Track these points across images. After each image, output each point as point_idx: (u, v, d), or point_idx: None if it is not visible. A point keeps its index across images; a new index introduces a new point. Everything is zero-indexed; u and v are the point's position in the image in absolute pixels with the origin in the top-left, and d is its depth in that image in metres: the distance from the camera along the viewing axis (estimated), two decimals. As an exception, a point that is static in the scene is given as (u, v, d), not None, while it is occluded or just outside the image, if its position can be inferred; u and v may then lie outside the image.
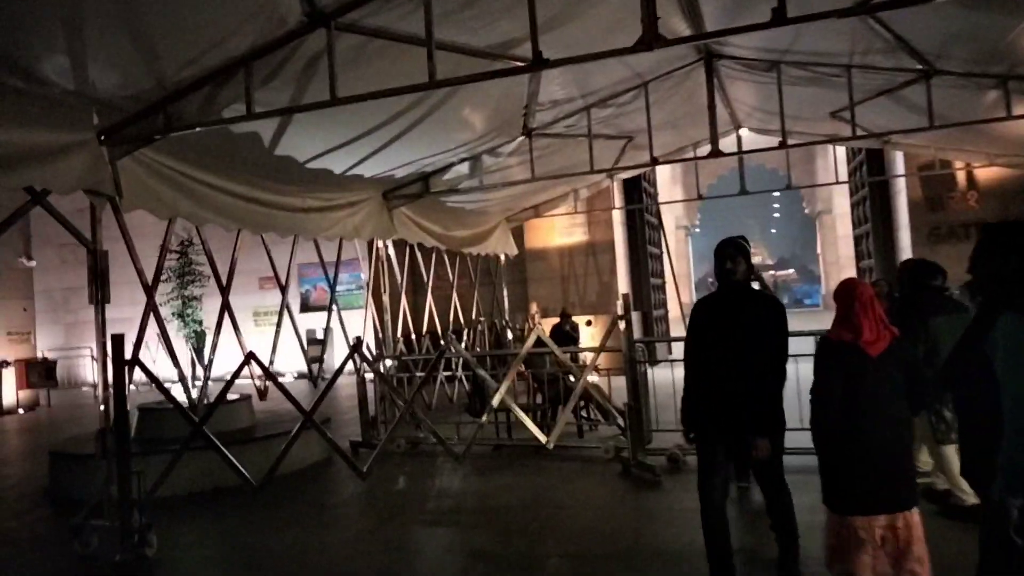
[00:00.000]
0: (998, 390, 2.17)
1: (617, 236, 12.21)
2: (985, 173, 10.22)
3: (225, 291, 7.20)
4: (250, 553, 4.64)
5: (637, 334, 12.05)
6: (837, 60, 6.39)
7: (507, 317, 11.10)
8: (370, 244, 9.35)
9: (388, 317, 8.58)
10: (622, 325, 6.42)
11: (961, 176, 10.35)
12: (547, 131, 7.37)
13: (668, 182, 23.62)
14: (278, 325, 8.78)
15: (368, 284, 9.40)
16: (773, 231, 77.82)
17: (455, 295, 10.32)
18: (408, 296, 11.87)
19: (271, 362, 7.74)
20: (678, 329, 14.18)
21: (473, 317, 10.51)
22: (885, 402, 2.83)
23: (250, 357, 5.24)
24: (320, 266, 10.40)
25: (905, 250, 11.01)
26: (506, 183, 8.14)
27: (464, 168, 7.63)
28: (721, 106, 8.54)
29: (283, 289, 9.24)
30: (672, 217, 23.50)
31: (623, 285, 12.35)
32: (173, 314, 8.92)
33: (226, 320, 7.18)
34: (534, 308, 11.91)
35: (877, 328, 2.91)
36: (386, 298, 8.23)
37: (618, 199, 12.34)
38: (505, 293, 11.24)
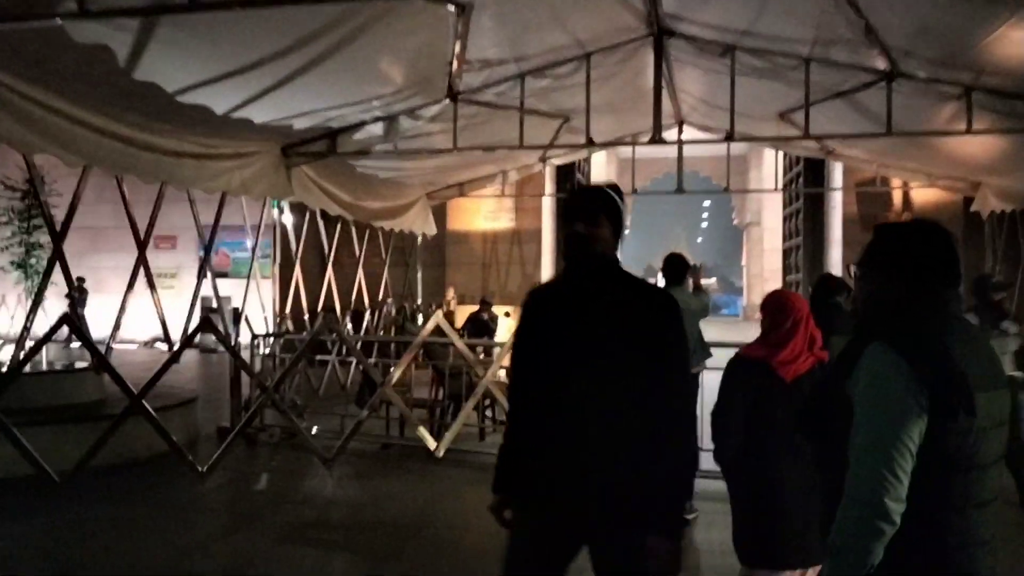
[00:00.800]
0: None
1: (545, 225, 11.53)
2: (923, 195, 10.01)
3: (59, 238, 6.07)
4: (43, 562, 3.68)
5: None
6: (796, 49, 5.82)
7: (419, 301, 10.26)
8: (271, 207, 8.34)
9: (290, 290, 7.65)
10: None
11: (898, 196, 10.11)
12: (475, 98, 6.55)
13: (604, 178, 23.17)
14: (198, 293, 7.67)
15: (253, 251, 8.36)
16: (700, 240, 79.34)
17: (360, 273, 9.40)
18: (306, 270, 10.88)
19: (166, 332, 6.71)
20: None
21: (380, 299, 9.63)
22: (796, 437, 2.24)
23: (64, 321, 4.23)
24: (232, 228, 9.36)
25: (835, 267, 10.73)
26: (426, 151, 7.27)
27: (378, 129, 6.73)
28: (666, 97, 7.93)
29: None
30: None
31: (547, 277, 11.68)
32: (12, 264, 7.61)
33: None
34: (450, 294, 11.11)
35: (802, 349, 2.47)
36: (275, 269, 7.27)
37: (550, 187, 11.64)
38: (420, 276, 10.38)
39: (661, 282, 5.03)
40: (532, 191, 11.23)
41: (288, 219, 7.62)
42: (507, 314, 11.10)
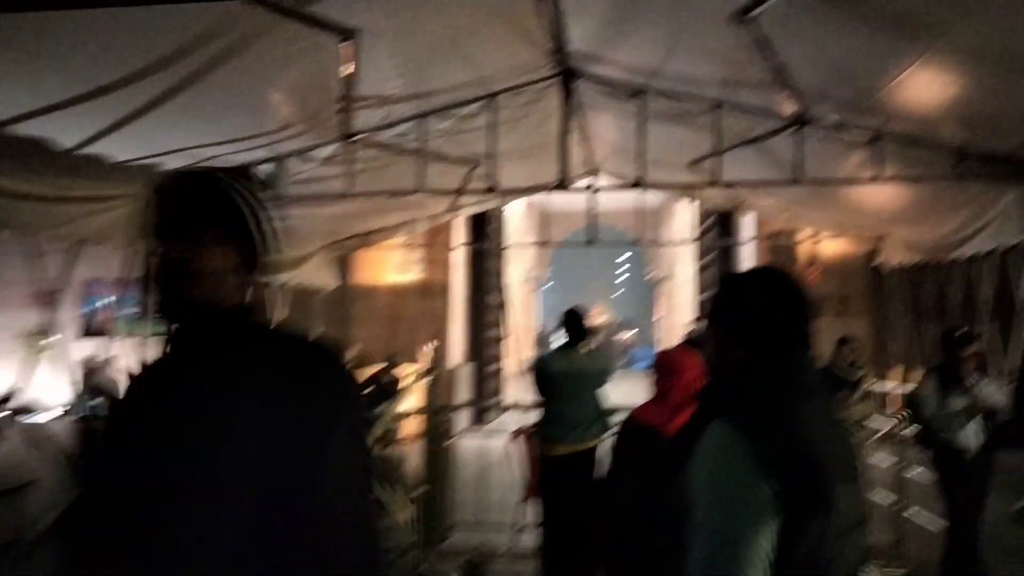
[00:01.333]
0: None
1: (455, 279, 11.02)
2: (828, 248, 10.09)
3: None
4: None
5: (466, 393, 10.87)
6: (707, 92, 5.64)
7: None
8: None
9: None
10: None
11: (805, 248, 10.16)
12: (373, 139, 6.07)
13: (520, 232, 23.04)
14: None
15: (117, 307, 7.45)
16: (618, 294, 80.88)
17: None
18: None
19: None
20: (513, 388, 13.29)
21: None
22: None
23: None
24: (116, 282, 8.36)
25: (748, 319, 10.65)
26: (320, 197, 6.70)
27: (265, 172, 6.13)
28: (577, 143, 7.67)
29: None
30: (522, 269, 22.80)
31: (457, 333, 11.13)
32: None
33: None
34: (353, 353, 10.36)
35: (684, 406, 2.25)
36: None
37: (460, 238, 11.20)
38: (322, 333, 9.61)
39: (562, 340, 4.60)
40: (444, 242, 10.75)
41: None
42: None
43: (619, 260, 67.33)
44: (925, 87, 4.48)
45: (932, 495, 4.99)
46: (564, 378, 4.27)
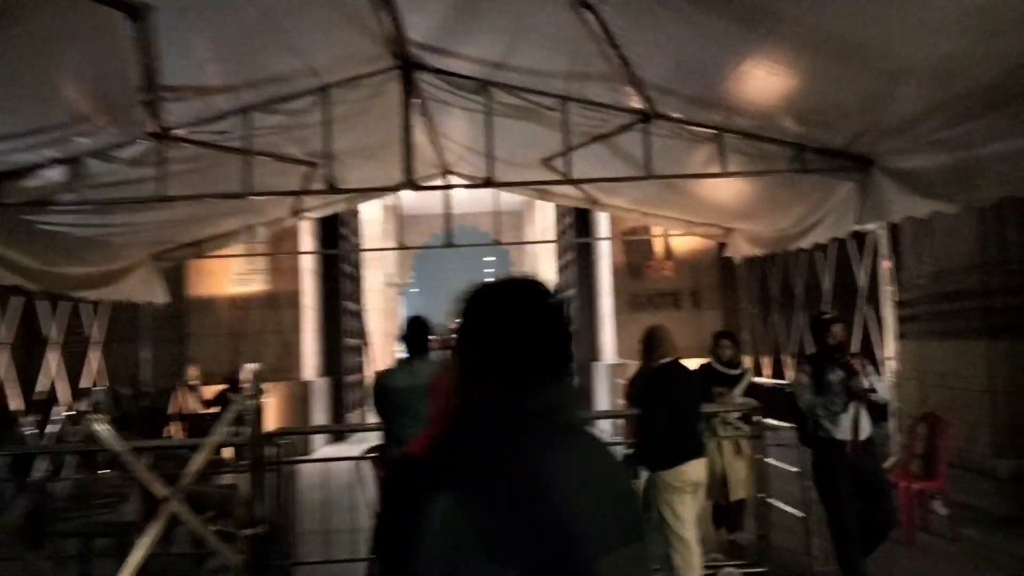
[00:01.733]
0: None
1: (305, 287, 10.30)
2: (681, 243, 10.31)
3: None
4: None
5: (322, 407, 10.16)
6: (553, 86, 5.42)
7: (143, 385, 8.51)
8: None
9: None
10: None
11: (659, 244, 10.33)
12: (190, 137, 5.37)
13: (379, 236, 22.35)
14: None
15: None
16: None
17: (92, 354, 7.59)
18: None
19: None
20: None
21: (94, 385, 7.82)
22: None
23: None
24: None
25: (607, 316, 10.70)
26: (127, 202, 5.87)
27: (57, 174, 5.26)
28: (427, 142, 7.28)
29: None
30: (382, 274, 22.10)
31: (310, 345, 10.41)
32: None
33: None
34: (193, 373, 9.41)
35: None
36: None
37: (309, 244, 10.49)
38: (150, 354, 8.64)
39: (403, 354, 4.21)
40: (289, 248, 10.00)
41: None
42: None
43: (486, 261, 67.72)
44: (764, 81, 4.46)
45: (793, 486, 5.05)
46: (407, 395, 3.84)
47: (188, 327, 9.84)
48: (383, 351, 21.24)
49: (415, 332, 4.08)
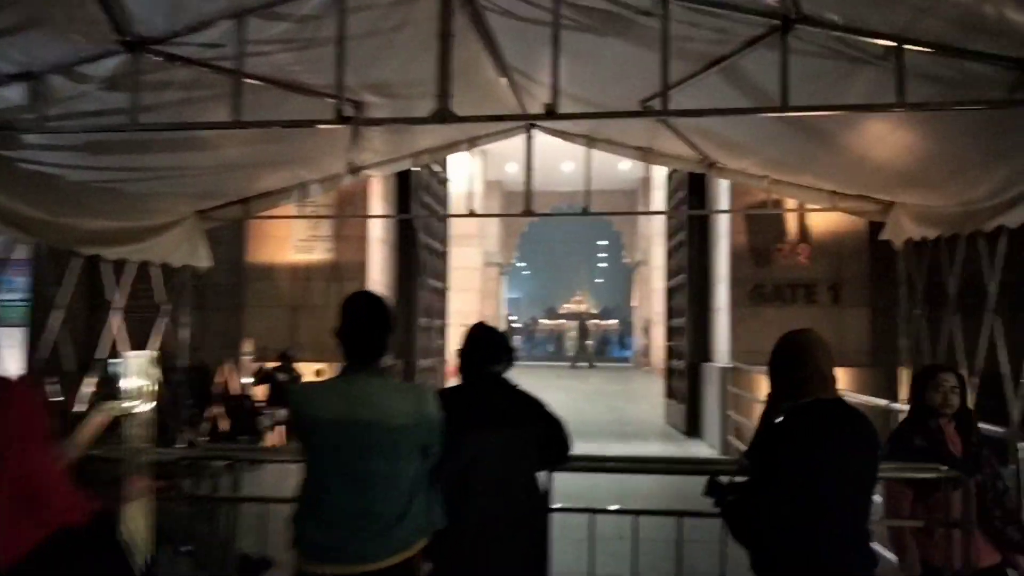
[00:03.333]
0: None
1: (373, 258, 9.17)
2: (821, 222, 8.33)
3: None
4: None
5: None
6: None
7: (185, 357, 7.67)
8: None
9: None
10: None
11: (792, 224, 8.39)
12: (170, 51, 4.20)
13: (471, 202, 21.17)
14: None
15: None
16: (599, 280, 79.05)
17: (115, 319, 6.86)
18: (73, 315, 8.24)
19: None
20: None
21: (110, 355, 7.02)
22: None
23: None
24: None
25: (722, 309, 8.89)
26: (93, 131, 4.79)
27: (15, 93, 4.24)
28: (495, 79, 5.80)
29: None
30: (480, 252, 20.96)
31: (376, 324, 9.31)
32: None
33: None
34: (248, 347, 8.53)
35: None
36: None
37: (380, 210, 9.35)
38: (190, 322, 7.77)
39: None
40: (359, 212, 8.90)
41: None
42: (318, 372, 8.64)
43: (599, 245, 65.76)
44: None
45: None
46: (336, 431, 2.33)
47: (245, 297, 8.96)
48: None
49: (360, 319, 2.57)
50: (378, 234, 9.30)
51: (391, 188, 9.72)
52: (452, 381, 3.14)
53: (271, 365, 8.34)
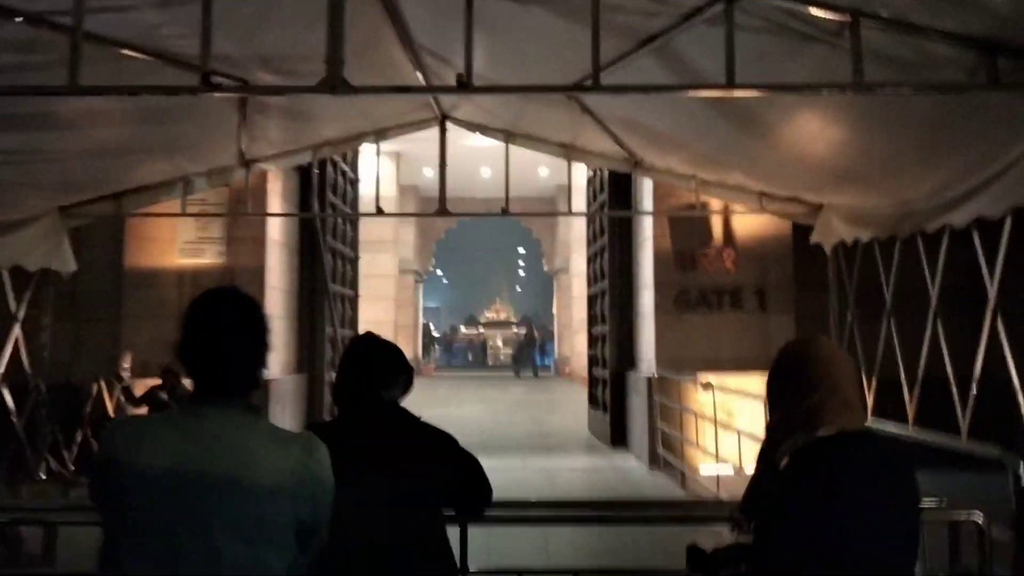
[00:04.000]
0: None
1: (272, 263, 8.33)
2: (746, 225, 8.07)
3: None
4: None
5: (290, 412, 8.05)
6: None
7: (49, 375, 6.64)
8: None
9: None
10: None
11: (717, 228, 8.10)
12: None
13: (389, 218, 20.37)
14: None
15: None
16: (519, 289, 78.98)
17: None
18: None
19: None
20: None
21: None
22: None
23: None
24: None
25: (646, 316, 8.52)
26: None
27: None
28: (401, 52, 5.14)
29: None
30: (397, 259, 20.15)
31: (276, 334, 8.45)
32: None
33: None
34: (127, 362, 7.52)
35: None
36: None
37: (278, 205, 8.52)
38: (49, 336, 6.76)
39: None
40: (255, 211, 8.03)
41: None
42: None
43: (519, 252, 65.65)
44: None
45: None
46: (169, 488, 1.52)
47: (125, 306, 7.95)
48: (404, 342, 19.22)
49: (223, 332, 1.82)
50: (277, 236, 8.47)
51: (292, 187, 8.90)
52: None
53: (152, 383, 7.37)
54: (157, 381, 7.36)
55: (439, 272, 70.75)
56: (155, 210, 6.86)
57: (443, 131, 6.61)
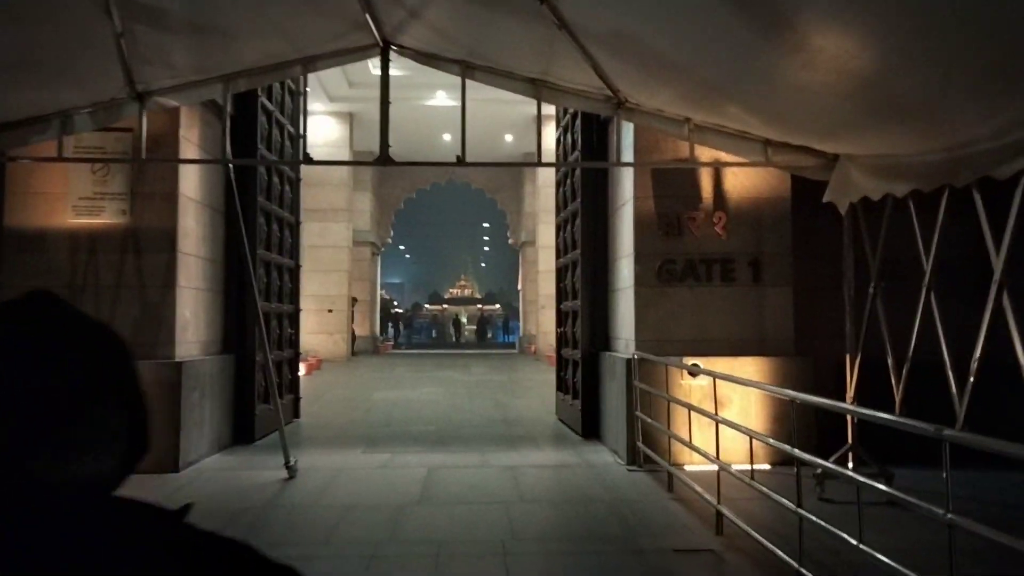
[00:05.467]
0: None
1: (186, 225, 7.05)
2: (738, 188, 7.05)
3: None
4: None
5: (216, 399, 6.67)
6: None
7: None
8: None
9: None
10: None
11: (708, 188, 7.06)
12: None
13: (340, 186, 19.04)
14: None
15: None
16: (483, 265, 77.80)
17: None
18: None
19: None
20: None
21: None
22: None
23: None
24: None
25: (625, 290, 7.48)
26: None
27: None
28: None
29: None
30: (348, 228, 18.81)
31: (193, 308, 7.19)
32: None
33: None
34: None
35: None
36: None
37: (192, 151, 7.23)
38: None
39: None
40: (166, 161, 6.75)
41: None
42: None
43: (484, 228, 64.41)
44: None
45: None
46: None
47: (4, 272, 6.63)
48: (360, 318, 17.88)
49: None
50: (194, 194, 7.17)
51: (214, 136, 7.58)
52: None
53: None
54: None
55: (402, 247, 69.35)
56: (28, 152, 5.56)
57: (385, 60, 5.41)
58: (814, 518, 3.49)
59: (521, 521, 5.01)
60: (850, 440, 5.76)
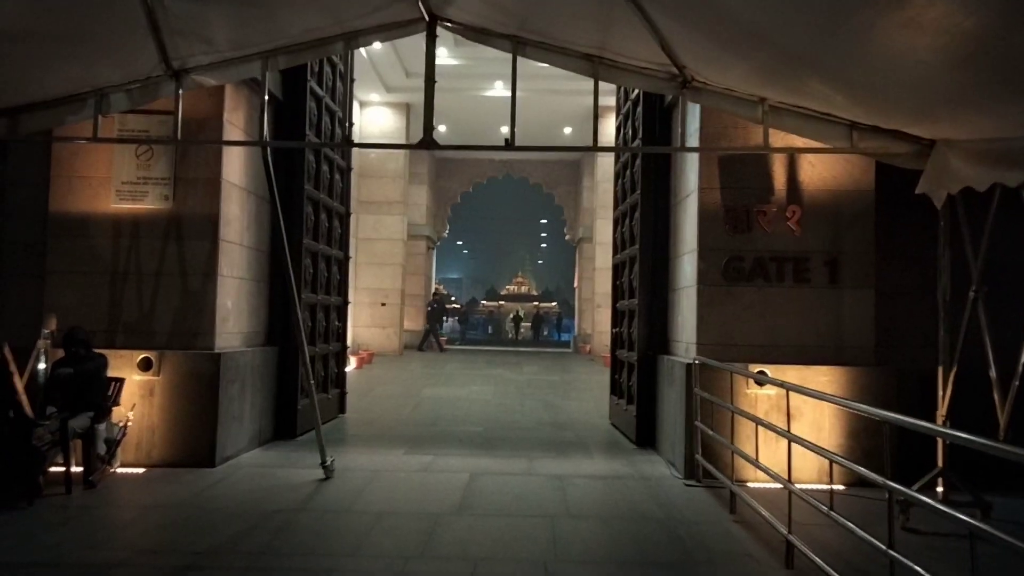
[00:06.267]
0: None
1: (229, 212, 6.85)
2: (815, 179, 6.44)
3: None
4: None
5: (257, 393, 6.44)
6: None
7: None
8: None
9: None
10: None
11: (780, 179, 6.46)
12: None
13: (396, 179, 18.87)
14: None
15: None
16: (540, 262, 77.27)
17: None
18: None
19: None
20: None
21: None
22: None
23: None
24: None
25: (687, 289, 6.94)
26: None
27: None
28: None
29: None
30: (403, 221, 18.59)
31: (234, 298, 6.99)
32: None
33: None
34: (51, 326, 6.15)
35: None
36: None
37: (237, 132, 7.03)
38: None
39: None
40: (208, 144, 6.57)
41: None
42: (149, 363, 6.37)
43: (541, 224, 63.94)
44: None
45: None
46: None
47: (50, 259, 6.55)
48: (391, 315, 17.70)
49: None
50: (238, 180, 6.97)
51: (258, 119, 7.38)
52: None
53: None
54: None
55: (460, 242, 69.48)
56: (63, 133, 5.40)
57: (432, 35, 5.04)
58: (908, 562, 2.95)
59: (566, 539, 4.57)
60: (940, 463, 5.11)
